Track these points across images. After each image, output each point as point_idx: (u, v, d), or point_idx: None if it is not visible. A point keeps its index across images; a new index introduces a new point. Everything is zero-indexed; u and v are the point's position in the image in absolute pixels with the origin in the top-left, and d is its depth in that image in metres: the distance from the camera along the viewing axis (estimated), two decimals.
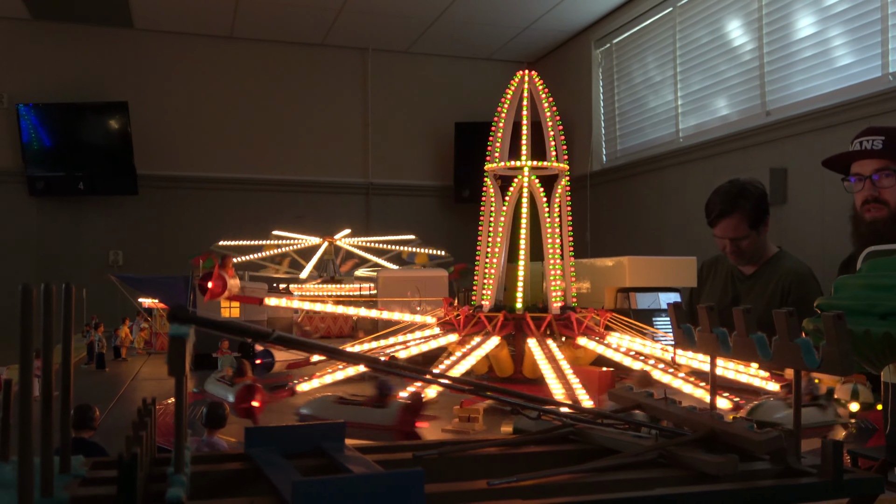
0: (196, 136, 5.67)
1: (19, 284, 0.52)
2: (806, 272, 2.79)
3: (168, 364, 0.53)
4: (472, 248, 3.36)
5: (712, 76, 4.42)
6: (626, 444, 0.74)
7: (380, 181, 6.05)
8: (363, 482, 0.56)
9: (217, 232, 5.51)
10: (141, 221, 5.54)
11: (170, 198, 5.60)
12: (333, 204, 5.88)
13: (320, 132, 5.94)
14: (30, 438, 0.52)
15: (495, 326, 1.63)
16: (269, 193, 5.75)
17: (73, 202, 5.47)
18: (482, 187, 1.81)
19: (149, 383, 2.23)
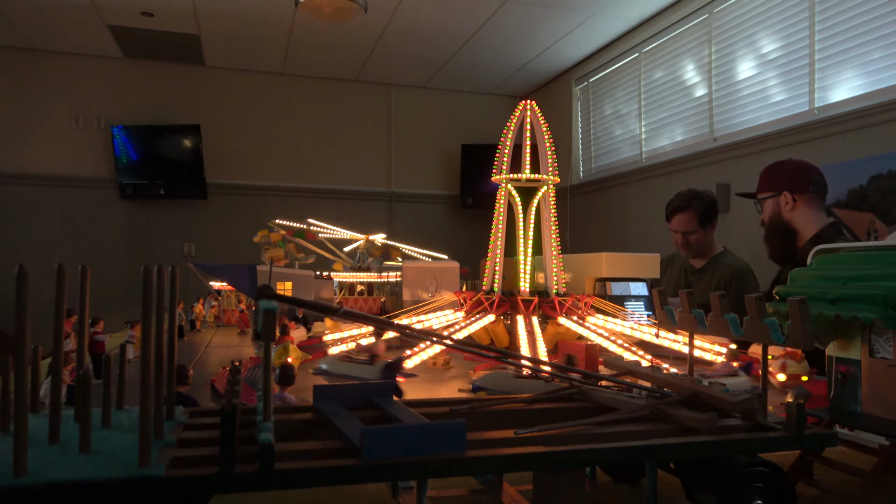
0: (254, 152, 5.65)
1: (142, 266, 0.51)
2: (745, 268, 2.79)
3: (261, 332, 0.52)
4: (473, 244, 3.37)
5: (670, 109, 4.40)
6: (622, 402, 0.73)
7: (400, 190, 6.03)
8: (417, 430, 0.55)
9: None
10: (209, 221, 5.53)
11: (232, 202, 5.58)
12: (363, 208, 5.87)
13: (353, 150, 5.92)
14: (149, 392, 0.51)
15: (492, 306, 1.62)
16: (312, 199, 5.74)
17: (155, 205, 5.46)
18: (494, 195, 1.80)
19: (219, 350, 2.22)
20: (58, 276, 0.54)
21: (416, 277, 2.45)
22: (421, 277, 2.45)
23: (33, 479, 0.47)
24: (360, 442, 0.54)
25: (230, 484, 0.50)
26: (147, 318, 0.51)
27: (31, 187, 5.19)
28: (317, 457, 0.56)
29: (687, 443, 0.61)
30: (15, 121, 5.17)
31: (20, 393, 0.49)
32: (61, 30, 4.80)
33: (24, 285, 0.48)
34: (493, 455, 0.56)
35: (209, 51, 5.22)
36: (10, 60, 5.14)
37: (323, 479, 0.52)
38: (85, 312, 0.61)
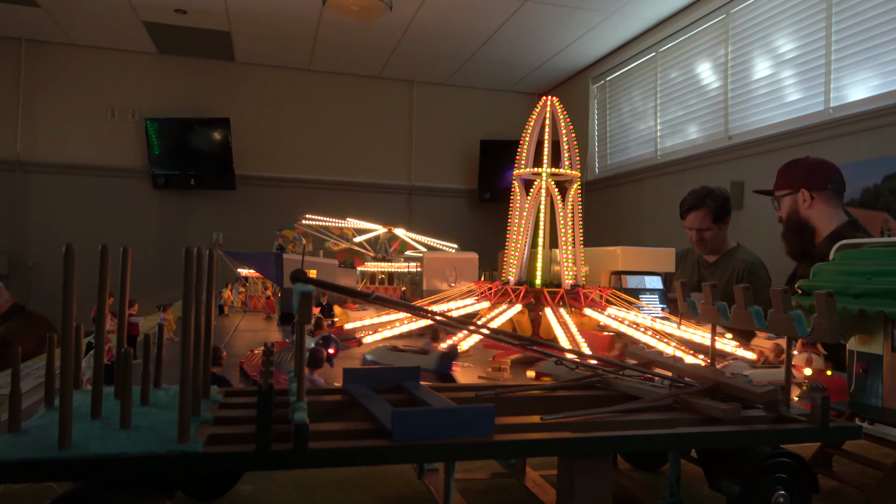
0: (281, 145, 5.67)
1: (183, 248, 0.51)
2: (757, 262, 2.75)
3: (297, 314, 0.51)
4: (490, 237, 3.36)
5: (685, 107, 4.34)
6: (645, 391, 0.72)
7: (420, 184, 6.03)
8: (446, 413, 0.55)
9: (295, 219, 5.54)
10: (237, 210, 5.56)
11: (260, 192, 5.62)
12: (384, 200, 5.87)
13: (374, 144, 5.92)
14: (189, 370, 0.51)
15: (518, 296, 1.61)
16: (335, 191, 5.75)
17: (186, 194, 5.51)
18: (510, 189, 1.78)
19: (246, 333, 2.23)
20: (101, 257, 0.54)
21: (437, 268, 2.45)
22: (441, 268, 2.44)
23: (77, 452, 0.47)
24: (390, 423, 0.54)
25: (266, 461, 0.49)
26: (188, 299, 0.51)
27: (68, 177, 5.25)
28: (348, 437, 0.55)
29: (712, 432, 0.60)
30: (54, 113, 5.23)
31: (66, 370, 0.49)
32: (99, 26, 4.84)
33: (71, 265, 0.48)
34: (521, 439, 0.55)
35: (239, 47, 5.23)
36: (51, 55, 5.20)
37: (354, 458, 0.51)
38: (126, 294, 0.61)
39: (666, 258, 2.28)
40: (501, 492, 0.71)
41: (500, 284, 1.69)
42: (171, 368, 0.71)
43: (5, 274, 5.06)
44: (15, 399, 0.52)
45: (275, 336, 2.13)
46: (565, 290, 1.62)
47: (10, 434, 0.51)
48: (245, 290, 2.93)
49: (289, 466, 0.50)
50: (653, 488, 0.72)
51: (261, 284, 2.94)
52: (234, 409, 0.64)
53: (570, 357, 0.86)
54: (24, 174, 5.17)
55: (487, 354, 1.60)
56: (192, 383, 0.56)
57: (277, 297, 2.63)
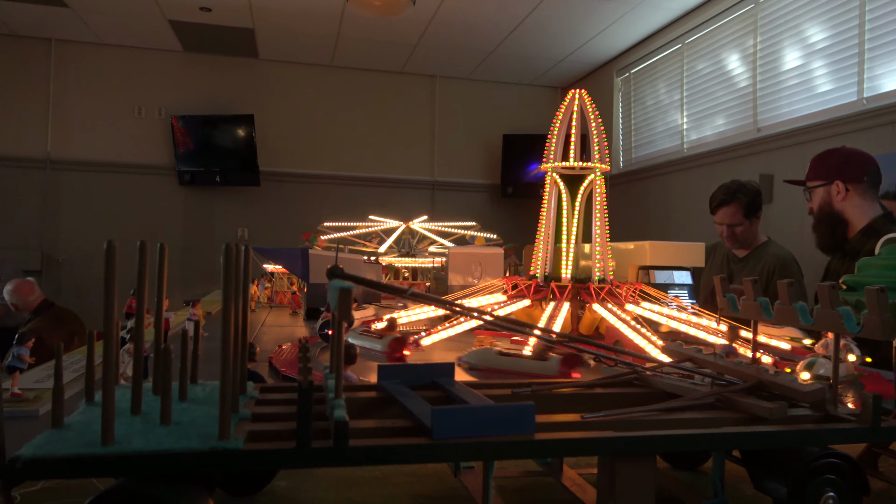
0: (304, 141, 5.70)
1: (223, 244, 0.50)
2: (788, 257, 2.70)
3: (338, 311, 0.51)
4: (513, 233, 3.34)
5: (712, 99, 4.26)
6: (686, 389, 0.70)
7: (443, 179, 6.01)
8: (486, 410, 0.54)
9: (318, 214, 5.58)
10: (262, 206, 5.61)
11: (284, 188, 5.65)
12: (407, 196, 5.87)
13: (397, 139, 5.92)
14: (229, 367, 0.50)
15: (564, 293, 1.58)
16: (358, 186, 5.77)
17: (211, 191, 5.56)
18: (534, 183, 1.77)
19: (273, 329, 2.24)
20: (140, 253, 0.54)
21: (462, 263, 2.43)
22: (466, 263, 2.43)
23: (120, 448, 0.47)
24: (429, 421, 0.53)
25: (306, 459, 0.49)
26: (227, 295, 0.50)
27: (96, 174, 5.34)
28: (387, 434, 0.54)
29: (759, 432, 0.58)
30: (83, 112, 5.31)
31: (108, 366, 0.49)
32: (126, 25, 4.90)
33: (113, 260, 0.48)
34: (563, 438, 0.54)
35: (263, 44, 5.26)
36: (79, 55, 5.28)
37: (395, 456, 0.50)
38: (163, 289, 0.61)
39: (695, 253, 2.24)
40: (539, 490, 0.70)
41: (526, 279, 1.68)
42: (203, 364, 0.71)
43: (38, 270, 5.16)
44: (58, 394, 0.52)
45: (301, 332, 2.14)
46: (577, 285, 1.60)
47: (54, 429, 0.51)
48: (271, 286, 2.95)
49: (329, 464, 0.49)
50: (694, 488, 0.71)
51: (286, 280, 2.95)
52: (271, 405, 0.64)
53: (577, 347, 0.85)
54: (54, 172, 5.26)
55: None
56: (233, 379, 0.56)
57: (303, 293, 2.64)
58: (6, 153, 5.14)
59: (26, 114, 5.18)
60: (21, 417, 0.98)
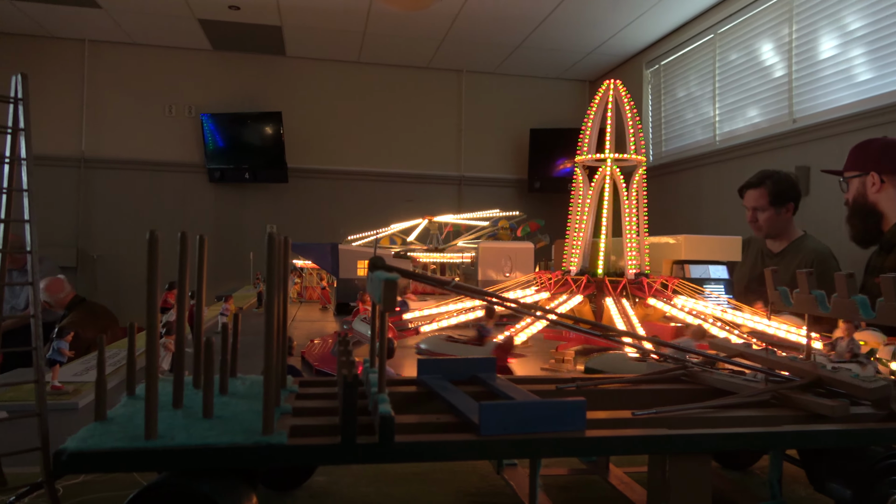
0: (332, 138, 5.72)
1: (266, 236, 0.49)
2: (826, 252, 2.63)
3: (382, 302, 0.49)
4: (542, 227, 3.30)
5: (746, 91, 4.16)
6: (739, 386, 0.67)
7: (469, 174, 5.98)
8: (536, 406, 0.52)
9: (346, 210, 5.61)
10: (290, 203, 5.64)
11: (312, 185, 5.68)
12: (433, 191, 5.86)
13: (424, 135, 5.91)
14: (273, 361, 0.49)
15: (580, 287, 1.56)
16: (385, 182, 5.78)
17: (240, 188, 5.62)
18: (563, 177, 1.74)
19: (304, 324, 2.25)
20: (181, 245, 0.53)
21: (491, 258, 2.41)
22: (496, 258, 2.41)
23: (164, 442, 0.46)
24: (475, 416, 0.51)
25: (352, 454, 0.48)
26: (271, 286, 0.49)
27: (127, 171, 5.42)
28: (431, 430, 0.53)
29: (822, 431, 0.55)
30: (115, 111, 5.40)
31: (151, 360, 0.48)
32: (157, 25, 4.97)
33: (155, 253, 0.47)
34: (615, 436, 0.51)
35: (290, 42, 5.29)
36: (112, 55, 5.37)
37: (443, 453, 0.49)
38: (203, 282, 0.61)
39: (731, 247, 2.18)
40: (585, 488, 0.68)
41: (560, 274, 1.65)
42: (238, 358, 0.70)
43: (73, 266, 5.27)
44: (101, 388, 0.52)
45: (331, 326, 2.15)
46: (628, 280, 1.56)
47: (97, 423, 0.51)
48: (301, 281, 2.96)
49: (375, 460, 0.48)
50: (748, 488, 0.68)
51: (316, 275, 2.96)
52: (311, 399, 0.63)
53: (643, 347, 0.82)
54: (88, 170, 5.36)
55: (549, 345, 1.56)
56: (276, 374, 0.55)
57: (333, 288, 2.64)
58: (43, 152, 5.25)
59: (62, 114, 5.28)
60: (61, 410, 0.99)
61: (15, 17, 4.83)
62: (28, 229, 0.57)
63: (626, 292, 1.58)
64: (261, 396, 0.60)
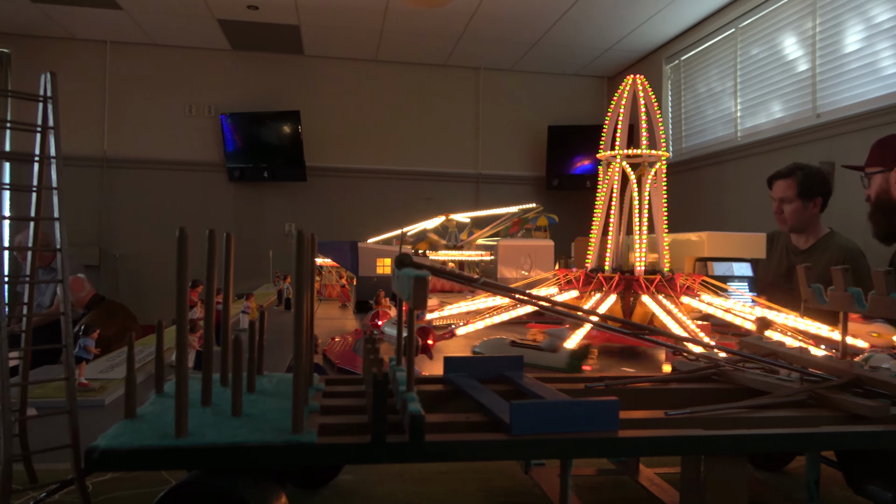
0: (350, 136, 5.74)
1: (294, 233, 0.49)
2: (855, 249, 2.58)
3: (412, 300, 0.49)
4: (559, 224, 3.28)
5: (768, 85, 4.10)
6: (774, 385, 0.66)
7: (487, 172, 5.97)
8: (568, 406, 0.51)
9: (364, 209, 5.62)
10: (309, 201, 5.67)
11: (330, 183, 5.70)
12: (451, 189, 5.85)
13: (441, 133, 5.90)
14: (303, 359, 0.49)
15: (611, 285, 1.54)
16: (403, 180, 5.78)
17: (259, 187, 5.65)
18: (581, 176, 1.72)
19: (324, 322, 2.25)
20: (209, 243, 0.52)
21: (511, 255, 2.40)
22: (515, 255, 2.39)
23: (194, 440, 0.46)
24: (505, 416, 0.51)
25: (382, 453, 0.47)
26: (301, 284, 0.49)
27: (148, 171, 5.48)
28: (461, 429, 0.52)
29: (864, 432, 0.53)
30: (136, 111, 5.46)
31: (181, 357, 0.48)
32: (176, 25, 5.01)
33: (184, 249, 0.46)
34: (650, 436, 0.50)
35: (308, 40, 5.31)
36: (133, 56, 5.43)
37: (474, 453, 0.48)
38: (230, 279, 0.60)
39: (756, 244, 2.15)
40: (615, 489, 0.66)
41: (583, 272, 1.63)
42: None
43: (96, 265, 5.34)
44: (130, 385, 0.51)
45: (351, 324, 2.15)
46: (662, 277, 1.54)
47: (127, 420, 0.51)
48: (320, 279, 2.97)
49: (405, 459, 0.47)
50: (782, 490, 0.66)
51: (335, 273, 2.97)
52: (338, 397, 0.62)
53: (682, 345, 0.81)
54: (110, 170, 5.43)
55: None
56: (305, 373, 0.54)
57: (352, 286, 2.64)
58: (65, 153, 5.30)
59: (84, 114, 5.35)
60: (88, 407, 1.00)
61: (39, 20, 4.90)
62: (57, 227, 0.57)
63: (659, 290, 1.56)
64: (288, 394, 0.60)
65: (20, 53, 5.17)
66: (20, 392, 0.63)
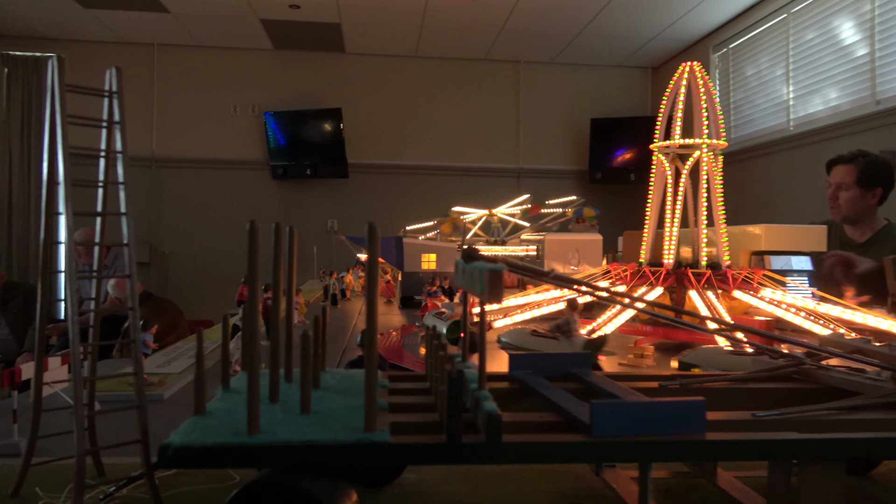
0: (391, 132, 5.75)
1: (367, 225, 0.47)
2: None
3: (488, 295, 0.47)
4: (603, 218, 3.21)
5: (823, 72, 3.94)
6: (864, 385, 0.62)
7: (528, 166, 5.91)
8: (652, 407, 0.48)
9: (405, 205, 5.62)
10: (351, 197, 5.71)
11: (372, 180, 5.73)
12: (491, 184, 5.80)
13: (482, 127, 5.86)
14: (375, 355, 0.47)
15: (659, 279, 1.50)
16: (444, 176, 5.77)
17: (302, 184, 5.72)
18: (625, 170, 1.67)
19: None
20: (276, 237, 0.51)
21: (558, 250, 2.36)
22: (563, 250, 2.35)
23: (267, 438, 0.45)
24: (584, 416, 0.48)
25: (458, 454, 0.45)
26: (373, 278, 0.47)
27: (195, 170, 5.60)
28: (536, 430, 0.50)
29: None
30: (183, 112, 5.58)
31: (252, 353, 0.47)
32: (221, 27, 5.10)
33: (255, 242, 0.45)
34: (744, 440, 0.47)
35: (349, 38, 5.34)
36: (179, 58, 5.55)
37: (554, 455, 0.46)
38: (293, 273, 0.59)
39: (815, 236, 2.06)
40: (693, 493, 0.63)
41: (635, 266, 1.59)
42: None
43: (146, 262, 5.49)
44: (199, 381, 0.51)
45: (397, 320, 2.14)
46: (711, 272, 1.49)
47: (197, 417, 0.50)
48: (364, 275, 2.97)
49: (482, 461, 0.45)
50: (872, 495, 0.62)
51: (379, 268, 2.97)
52: (404, 394, 0.61)
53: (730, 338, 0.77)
54: (159, 169, 5.56)
55: (626, 340, 1.51)
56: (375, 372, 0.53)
57: (397, 281, 2.64)
58: None
59: (133, 115, 5.49)
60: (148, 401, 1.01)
61: (91, 25, 5.05)
62: (124, 222, 0.57)
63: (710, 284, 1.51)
64: (353, 391, 0.59)
65: (73, 58, 5.33)
66: (88, 387, 0.63)
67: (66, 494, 0.60)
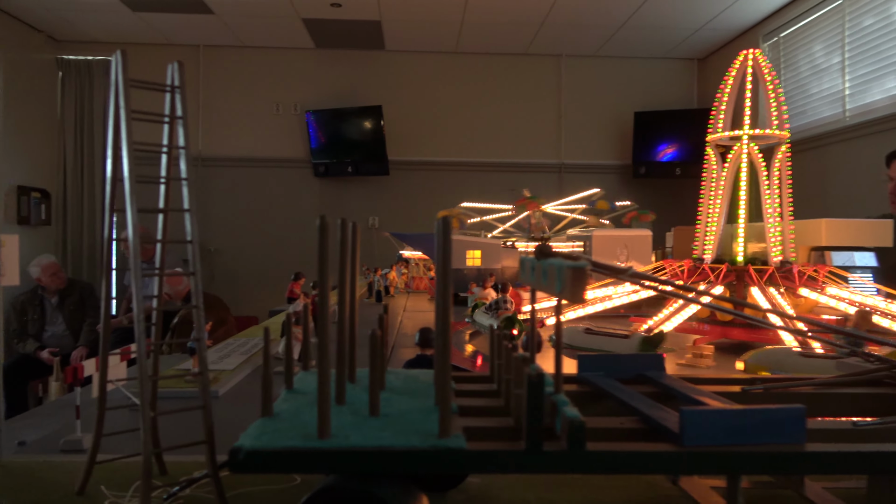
0: (431, 129, 5.74)
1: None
2: None
3: (570, 293, 0.44)
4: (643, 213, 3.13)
5: (882, 59, 3.76)
6: None
7: (570, 161, 5.82)
8: (747, 415, 0.44)
9: (446, 201, 5.59)
10: (392, 194, 5.72)
11: (413, 177, 5.73)
12: (533, 179, 5.73)
13: (523, 123, 5.80)
14: (446, 354, 0.45)
15: (718, 276, 1.44)
16: (485, 172, 5.72)
17: (343, 181, 5.75)
18: (669, 164, 1.61)
19: (414, 314, 2.24)
20: (342, 233, 0.49)
21: (605, 246, 2.31)
22: (611, 246, 2.30)
23: (339, 442, 0.43)
24: (675, 424, 0.45)
25: (541, 464, 0.42)
26: (443, 276, 0.45)
27: (239, 169, 5.69)
28: (618, 437, 0.47)
29: None
30: (228, 111, 5.68)
31: (323, 355, 0.45)
32: (264, 27, 5.16)
33: (325, 237, 0.43)
34: (847, 451, 0.43)
35: (389, 35, 5.34)
36: (224, 58, 5.64)
37: (643, 465, 0.43)
38: (356, 270, 0.57)
39: (881, 231, 1.96)
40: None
41: (690, 262, 1.53)
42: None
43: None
44: (267, 384, 0.49)
45: None
46: (775, 268, 1.43)
47: (265, 419, 0.48)
48: (407, 272, 2.97)
49: (565, 470, 0.43)
50: None
51: (422, 265, 2.96)
52: (471, 397, 0.58)
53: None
54: (205, 168, 5.67)
55: (684, 339, 1.46)
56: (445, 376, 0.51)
57: None
58: None
59: None
60: None
61: (139, 28, 5.17)
62: (188, 218, 0.56)
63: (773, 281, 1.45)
64: (420, 392, 0.57)
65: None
66: (151, 387, 0.62)
67: (131, 493, 0.60)
